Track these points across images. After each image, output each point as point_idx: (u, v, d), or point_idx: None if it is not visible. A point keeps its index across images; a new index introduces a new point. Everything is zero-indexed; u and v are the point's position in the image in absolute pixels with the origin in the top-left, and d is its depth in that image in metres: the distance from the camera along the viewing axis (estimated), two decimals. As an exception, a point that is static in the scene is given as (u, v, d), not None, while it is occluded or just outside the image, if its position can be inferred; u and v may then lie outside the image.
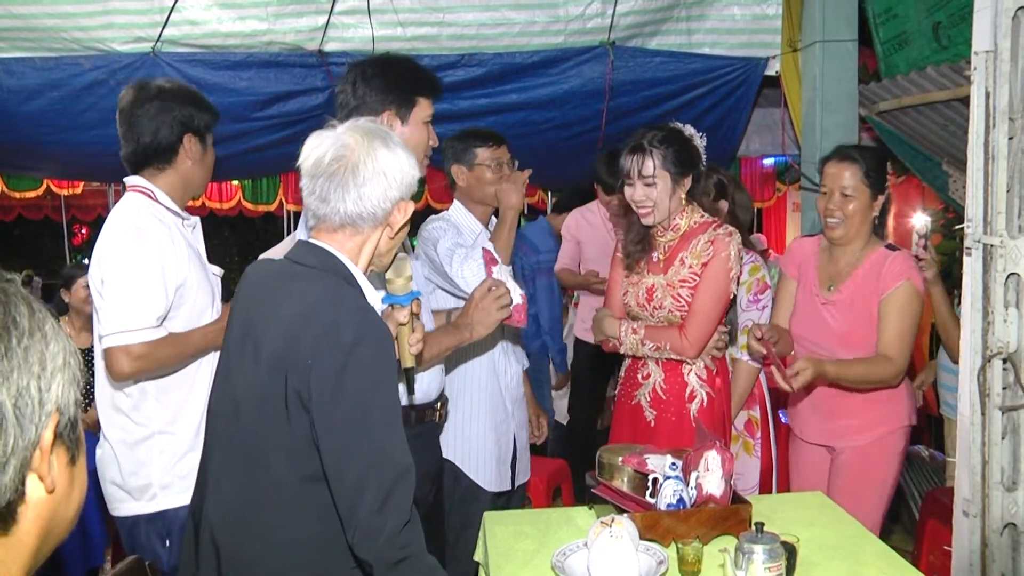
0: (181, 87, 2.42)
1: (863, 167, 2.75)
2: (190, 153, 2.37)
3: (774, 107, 5.29)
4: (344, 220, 1.71)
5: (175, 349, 2.24)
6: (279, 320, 1.64)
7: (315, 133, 1.75)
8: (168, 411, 2.30)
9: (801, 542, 1.99)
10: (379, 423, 1.58)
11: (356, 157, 1.68)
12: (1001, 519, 2.14)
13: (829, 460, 2.88)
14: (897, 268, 2.73)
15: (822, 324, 2.83)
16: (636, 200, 2.67)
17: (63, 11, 4.32)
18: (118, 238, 2.23)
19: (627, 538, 1.88)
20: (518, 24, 4.62)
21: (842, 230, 2.79)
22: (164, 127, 2.32)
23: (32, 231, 13.25)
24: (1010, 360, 2.11)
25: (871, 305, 2.75)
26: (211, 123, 2.42)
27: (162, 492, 2.29)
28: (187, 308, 2.29)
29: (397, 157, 1.72)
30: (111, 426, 2.32)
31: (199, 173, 2.43)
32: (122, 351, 2.15)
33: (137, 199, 2.31)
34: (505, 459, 3.04)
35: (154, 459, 2.29)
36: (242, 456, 1.67)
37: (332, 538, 1.61)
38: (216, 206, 8.20)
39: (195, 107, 2.37)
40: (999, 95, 2.08)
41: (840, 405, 2.82)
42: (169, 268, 2.23)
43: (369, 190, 1.69)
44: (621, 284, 2.85)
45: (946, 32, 3.83)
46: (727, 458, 2.19)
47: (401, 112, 2.34)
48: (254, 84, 4.70)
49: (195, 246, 2.40)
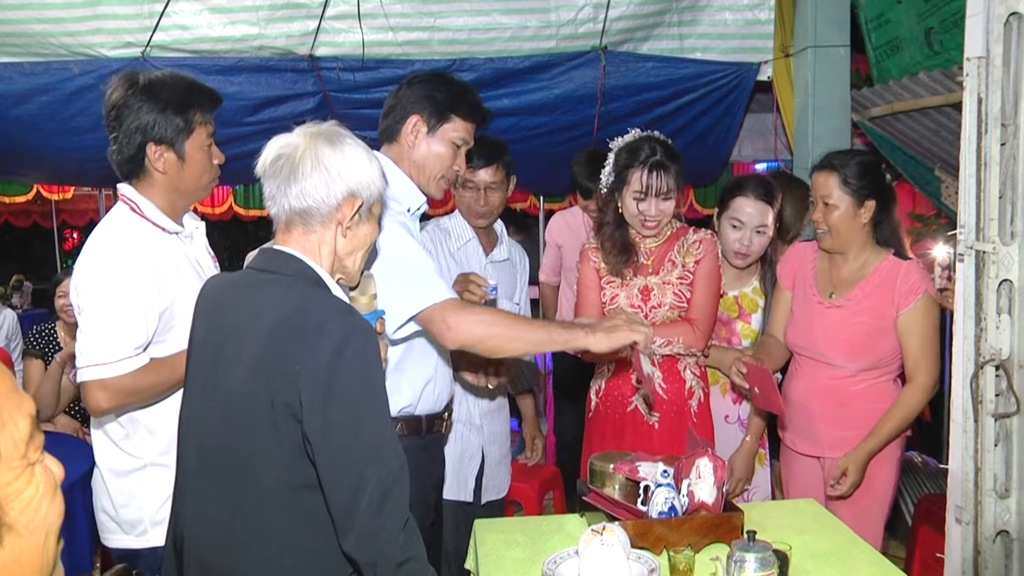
0: (154, 84, 2.15)
1: (840, 174, 2.72)
2: (158, 163, 2.15)
3: (766, 112, 5.30)
4: (291, 216, 1.71)
5: (159, 377, 2.10)
6: (257, 328, 1.62)
7: (273, 138, 1.75)
8: (161, 442, 2.15)
9: (793, 549, 1.98)
10: (372, 423, 1.57)
11: (296, 154, 1.69)
12: (994, 526, 2.13)
13: (821, 470, 2.85)
14: (914, 282, 2.68)
15: (823, 331, 2.79)
16: (650, 215, 2.71)
17: (52, 16, 4.30)
18: (94, 264, 2.09)
19: (618, 546, 1.87)
20: (509, 29, 4.61)
21: (830, 240, 2.78)
22: (124, 138, 2.14)
23: (22, 236, 13.20)
24: (1003, 367, 2.10)
25: (885, 316, 2.71)
26: (184, 126, 2.15)
27: (153, 528, 2.15)
28: (178, 330, 2.12)
29: (342, 154, 1.71)
30: (101, 454, 2.20)
31: (187, 178, 2.20)
32: (97, 385, 2.03)
33: (121, 214, 2.17)
34: (464, 469, 3.00)
35: (146, 492, 2.16)
36: (225, 472, 1.64)
37: (326, 546, 1.59)
38: (208, 211, 8.18)
39: (161, 111, 2.12)
40: (991, 101, 2.08)
41: (838, 417, 2.78)
42: (150, 292, 2.08)
43: (310, 185, 1.68)
44: (596, 290, 2.84)
45: (938, 37, 3.83)
46: (719, 465, 2.18)
47: (430, 120, 2.33)
48: (245, 89, 4.68)
49: (193, 258, 2.25)
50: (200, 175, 2.23)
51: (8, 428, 0.77)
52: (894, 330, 2.71)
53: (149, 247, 2.12)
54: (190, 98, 2.17)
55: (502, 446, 3.17)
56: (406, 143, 2.35)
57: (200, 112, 2.18)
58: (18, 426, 0.78)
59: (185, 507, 1.73)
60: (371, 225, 1.79)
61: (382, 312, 1.96)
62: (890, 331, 2.71)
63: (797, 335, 2.87)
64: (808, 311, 2.85)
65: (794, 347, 2.88)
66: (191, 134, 2.17)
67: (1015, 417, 2.11)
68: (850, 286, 2.78)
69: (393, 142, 2.38)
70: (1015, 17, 2.04)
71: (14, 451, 0.78)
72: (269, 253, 1.75)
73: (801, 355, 2.87)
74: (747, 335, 3.06)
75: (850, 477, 2.66)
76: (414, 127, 2.33)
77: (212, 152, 2.25)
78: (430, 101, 2.33)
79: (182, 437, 1.79)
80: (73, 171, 6.03)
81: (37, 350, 4.03)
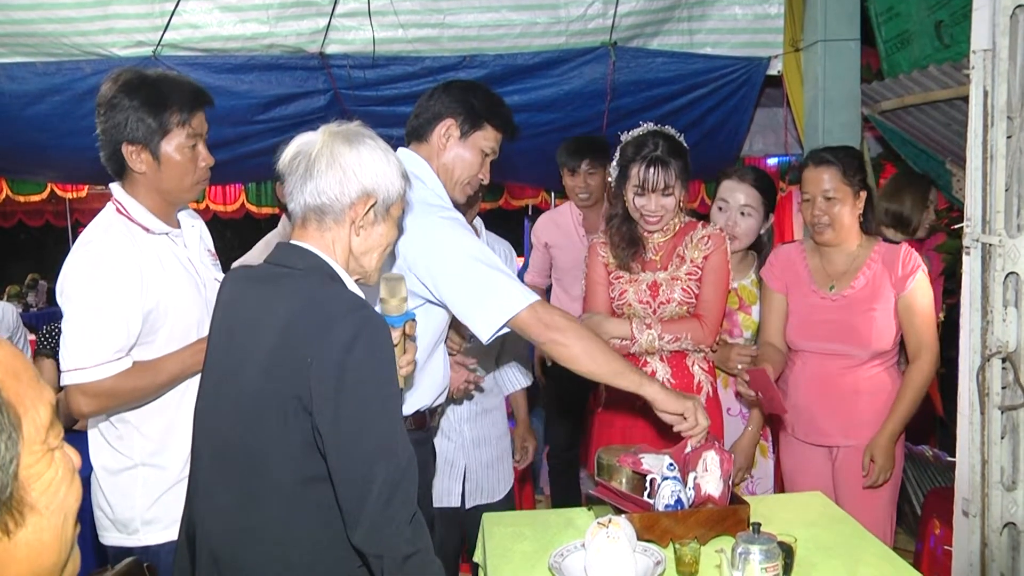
0: (133, 83, 2.12)
1: (841, 168, 2.78)
2: (137, 164, 2.12)
3: (777, 107, 5.28)
4: (306, 213, 1.74)
5: (142, 380, 2.07)
6: (272, 321, 1.64)
7: (297, 135, 1.77)
8: (151, 443, 2.15)
9: (800, 542, 1.99)
10: (382, 416, 1.59)
11: (313, 151, 1.72)
12: (1001, 519, 2.13)
13: (830, 461, 2.87)
14: (912, 264, 2.77)
15: (831, 324, 2.82)
16: (650, 210, 2.71)
17: (64, 16, 4.32)
18: (76, 267, 2.06)
19: (624, 539, 1.88)
20: (519, 25, 4.61)
21: (831, 233, 2.82)
22: (104, 136, 2.13)
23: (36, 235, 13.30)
24: (1009, 359, 2.10)
25: (888, 299, 2.78)
26: (157, 127, 2.10)
27: (144, 527, 2.15)
28: (166, 331, 2.12)
29: (358, 153, 1.73)
30: (96, 452, 2.20)
31: (165, 180, 2.15)
32: (78, 390, 2.02)
33: (107, 216, 2.15)
34: (447, 473, 3.01)
35: (137, 491, 2.15)
36: (237, 463, 1.66)
37: (336, 539, 1.61)
38: (220, 208, 8.24)
39: (135, 111, 2.09)
40: (997, 94, 2.07)
41: (842, 404, 2.81)
42: (132, 294, 2.04)
43: (325, 182, 1.70)
44: (605, 285, 2.84)
45: (948, 30, 3.82)
46: (725, 458, 2.19)
47: (463, 125, 2.34)
48: (255, 87, 4.70)
49: (184, 257, 2.22)
50: (180, 177, 2.18)
51: (31, 414, 0.84)
52: (895, 313, 2.78)
53: (131, 248, 2.09)
54: (167, 98, 2.12)
55: (492, 450, 3.13)
56: (437, 145, 2.36)
57: (178, 113, 2.13)
58: (39, 413, 0.85)
59: (198, 498, 1.75)
60: (387, 225, 1.80)
61: (412, 314, 1.95)
62: (893, 314, 2.78)
63: (801, 333, 2.89)
64: (810, 308, 2.88)
65: (798, 345, 2.90)
66: (166, 135, 2.12)
67: (1022, 410, 2.11)
68: (850, 276, 2.83)
69: (423, 142, 2.38)
70: (1021, 9, 2.04)
71: (36, 436, 0.84)
72: (285, 248, 1.77)
73: (806, 351, 2.88)
74: (748, 326, 3.08)
75: (878, 462, 2.72)
76: (447, 130, 2.34)
77: (197, 153, 2.19)
78: (466, 107, 2.34)
79: (196, 429, 1.81)
80: (86, 170, 6.05)
81: (49, 349, 4.03)
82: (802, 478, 2.93)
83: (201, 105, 2.20)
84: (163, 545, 2.12)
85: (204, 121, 2.22)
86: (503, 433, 3.21)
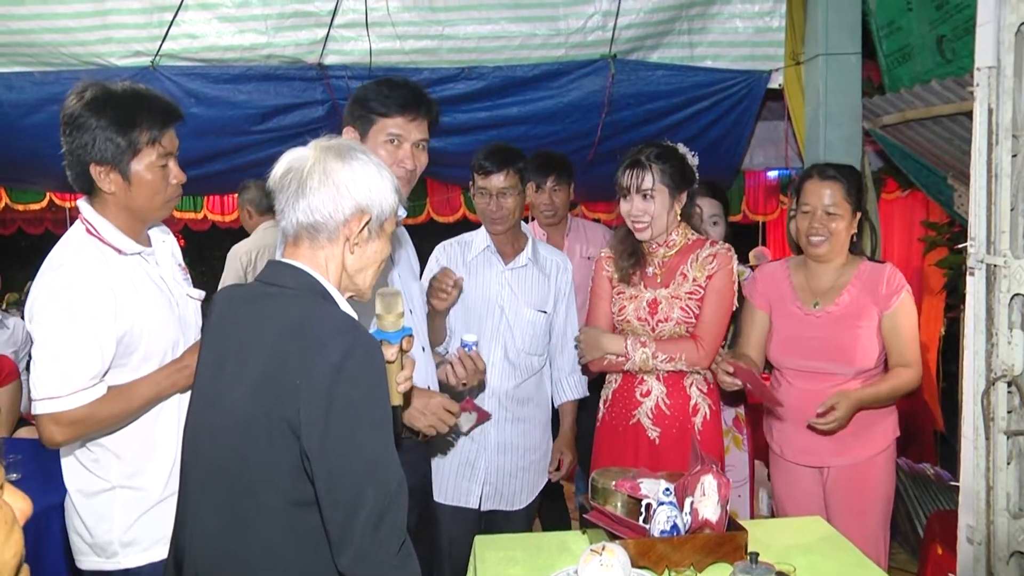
0: (99, 100, 2.04)
1: (845, 185, 2.80)
2: (106, 184, 2.06)
3: (777, 120, 5.25)
4: (299, 231, 1.70)
5: (115, 407, 2.01)
6: (262, 342, 1.61)
7: (286, 152, 1.74)
8: (128, 465, 2.10)
9: (799, 570, 1.95)
10: (372, 439, 1.55)
11: (305, 168, 1.68)
12: (1008, 547, 2.08)
13: (821, 481, 2.85)
14: (896, 283, 2.77)
15: (816, 342, 2.81)
16: (633, 214, 2.71)
17: (62, 26, 4.30)
18: (46, 291, 2.00)
19: (618, 566, 1.83)
20: (518, 37, 4.58)
21: (827, 247, 2.81)
22: (70, 156, 2.06)
23: (36, 243, 13.28)
24: (1015, 383, 2.05)
25: (872, 317, 2.77)
26: (127, 147, 2.03)
27: (123, 550, 2.08)
28: (140, 354, 2.06)
29: (351, 169, 1.69)
30: (69, 476, 2.13)
31: (136, 199, 2.09)
32: (51, 419, 1.95)
33: (76, 236, 2.09)
34: (466, 475, 3.01)
35: (115, 514, 2.09)
36: (224, 486, 1.63)
37: (324, 565, 1.57)
38: (218, 218, 8.22)
39: (103, 130, 2.02)
40: (1002, 111, 2.03)
41: None
42: (105, 319, 1.98)
43: (318, 200, 1.67)
44: (607, 299, 2.82)
45: (950, 45, 3.79)
46: (723, 483, 2.15)
47: (360, 128, 2.35)
48: (253, 97, 4.67)
49: (156, 276, 2.16)
50: (151, 196, 2.11)
51: None
52: (879, 332, 2.78)
53: (103, 271, 2.03)
54: (136, 116, 2.05)
55: (518, 459, 3.09)
56: None
57: (148, 131, 2.06)
58: None
59: (186, 522, 1.72)
60: (382, 241, 1.77)
61: (409, 330, 1.92)
62: (877, 332, 2.78)
63: (785, 351, 2.87)
64: (794, 325, 2.86)
65: (781, 363, 2.88)
66: (136, 155, 2.06)
67: (1027, 435, 2.06)
68: (835, 293, 2.83)
69: None
70: (1026, 26, 2.00)
71: None
72: (276, 266, 1.74)
73: (791, 370, 2.85)
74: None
75: (838, 411, 2.63)
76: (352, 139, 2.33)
77: (168, 172, 2.13)
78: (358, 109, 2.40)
79: (185, 452, 1.77)
80: (84, 179, 6.06)
81: None
82: (793, 499, 2.92)
83: (172, 122, 2.13)
84: (143, 567, 2.07)
85: (175, 138, 2.15)
86: (536, 446, 3.15)
